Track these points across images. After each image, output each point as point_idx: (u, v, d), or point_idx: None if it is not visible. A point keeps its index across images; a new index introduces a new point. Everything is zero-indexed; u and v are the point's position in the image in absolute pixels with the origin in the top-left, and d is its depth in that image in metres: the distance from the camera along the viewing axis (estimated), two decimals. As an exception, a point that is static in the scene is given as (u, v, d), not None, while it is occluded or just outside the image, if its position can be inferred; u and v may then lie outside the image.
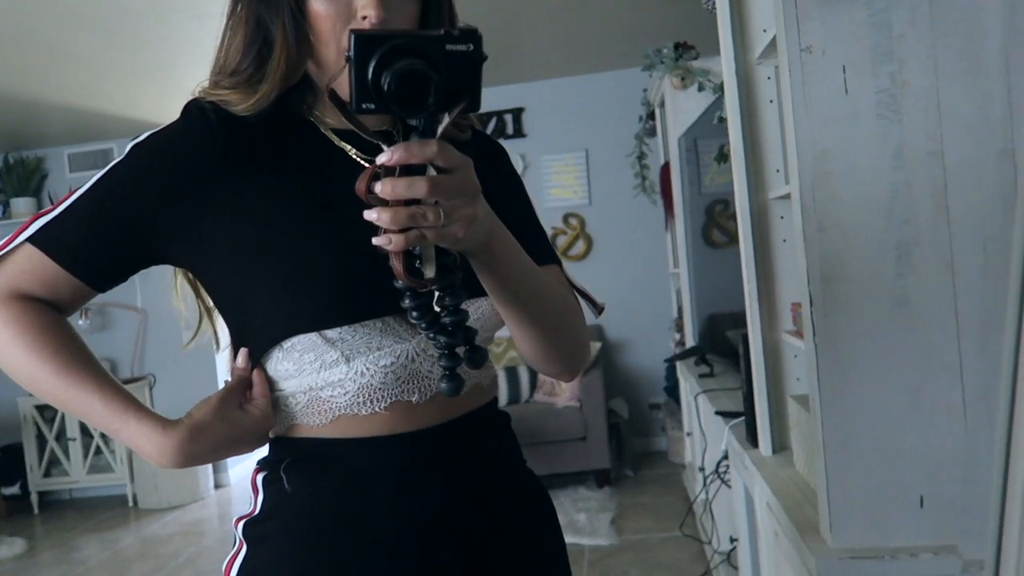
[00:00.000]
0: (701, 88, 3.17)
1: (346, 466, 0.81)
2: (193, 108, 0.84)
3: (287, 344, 0.79)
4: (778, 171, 1.66)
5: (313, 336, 0.78)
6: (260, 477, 0.87)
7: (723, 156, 2.21)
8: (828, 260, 1.14)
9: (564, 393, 4.23)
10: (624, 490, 4.18)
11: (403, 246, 0.61)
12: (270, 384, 0.84)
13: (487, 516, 0.85)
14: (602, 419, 4.15)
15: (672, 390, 4.44)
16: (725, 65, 1.68)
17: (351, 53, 0.60)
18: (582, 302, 0.93)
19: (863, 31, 1.10)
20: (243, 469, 5.39)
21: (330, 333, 0.78)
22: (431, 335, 0.69)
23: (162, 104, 4.52)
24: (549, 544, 0.93)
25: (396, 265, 0.63)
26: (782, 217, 1.66)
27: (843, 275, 1.14)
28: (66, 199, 0.82)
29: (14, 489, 5.03)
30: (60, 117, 4.54)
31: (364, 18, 0.77)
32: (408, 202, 0.61)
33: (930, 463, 1.13)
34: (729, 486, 2.37)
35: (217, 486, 5.18)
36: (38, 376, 0.80)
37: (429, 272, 0.65)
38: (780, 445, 1.68)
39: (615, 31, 4.08)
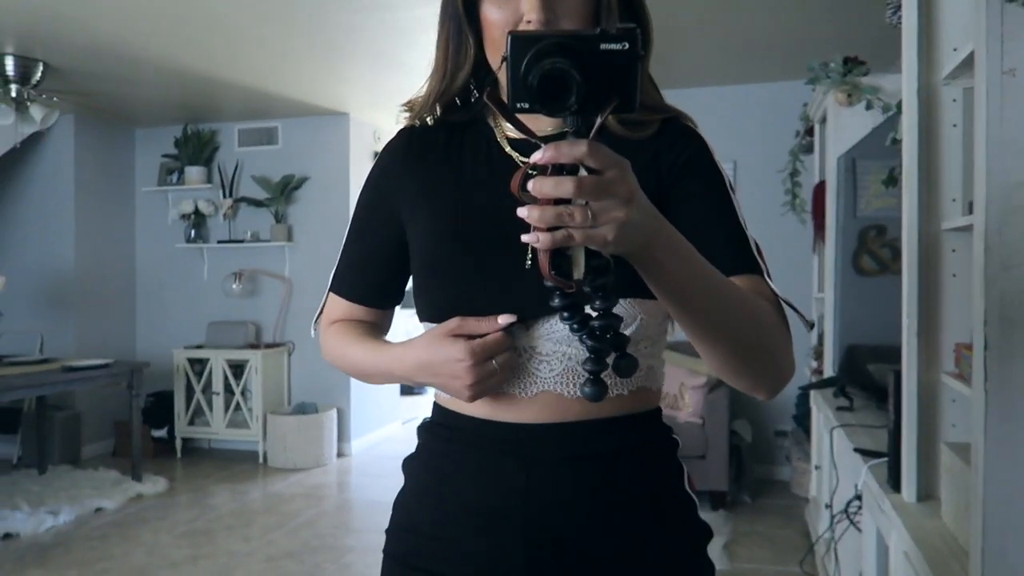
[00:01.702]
0: (869, 106, 2.99)
1: (458, 438, 0.90)
2: (390, 140, 1.00)
3: (428, 327, 0.91)
4: (954, 200, 1.55)
5: (433, 326, 0.88)
6: (418, 426, 0.99)
7: (892, 179, 2.08)
8: (1010, 301, 1.05)
9: (687, 408, 4.14)
10: (740, 516, 4.04)
11: (549, 245, 0.61)
12: None
13: (576, 529, 0.84)
14: (724, 440, 4.03)
15: (802, 419, 4.24)
16: (906, 84, 1.58)
17: (507, 53, 0.62)
18: (791, 314, 0.85)
19: (1079, 56, 1.01)
20: (363, 443, 5.62)
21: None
22: (580, 337, 0.69)
23: (325, 88, 4.77)
24: None
25: (542, 263, 0.64)
26: (954, 250, 1.54)
27: (1026, 319, 1.04)
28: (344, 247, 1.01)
29: (162, 433, 5.48)
30: (234, 95, 4.89)
31: (528, 22, 0.79)
32: (558, 202, 0.61)
33: (1108, 537, 1.02)
34: (859, 529, 2.24)
35: (340, 455, 5.43)
36: (356, 359, 0.96)
37: (576, 273, 0.65)
38: (926, 493, 1.57)
39: (776, 42, 3.94)
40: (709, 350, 0.77)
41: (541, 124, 0.88)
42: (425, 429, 0.96)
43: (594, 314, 0.68)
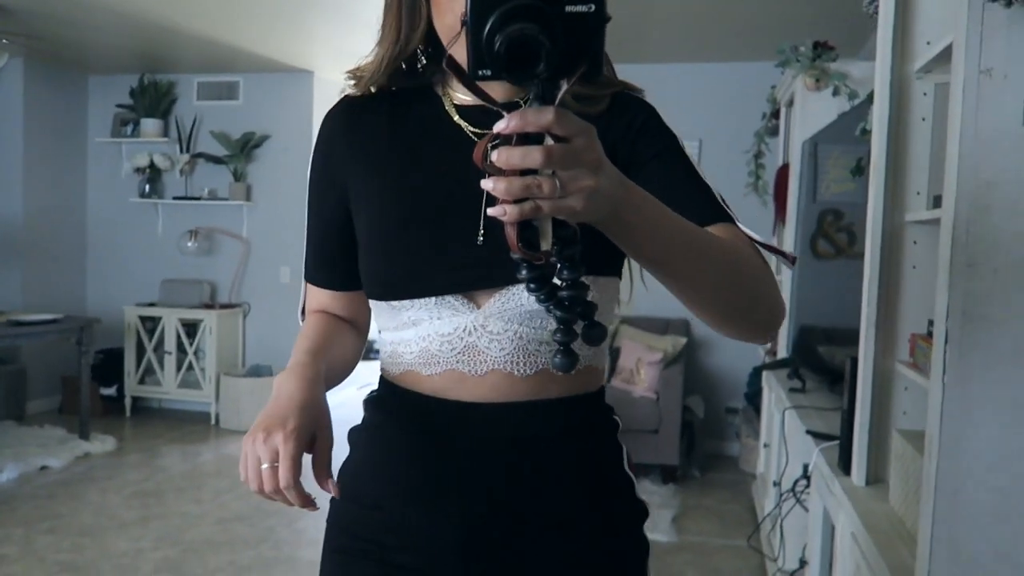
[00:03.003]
0: (836, 92, 3.03)
1: (406, 414, 0.89)
2: (327, 113, 0.96)
3: (374, 304, 0.90)
4: (919, 194, 1.58)
5: (383, 304, 0.87)
6: (364, 399, 0.97)
7: (859, 169, 2.11)
8: (972, 297, 1.07)
9: (642, 383, 4.20)
10: (689, 490, 4.13)
11: (517, 217, 0.58)
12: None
13: (522, 502, 0.85)
14: (677, 415, 4.10)
15: (753, 397, 4.34)
16: (879, 74, 1.60)
17: (467, 17, 0.57)
18: (772, 258, 0.85)
19: (1054, 59, 1.02)
20: (319, 406, 5.59)
21: (395, 303, 0.86)
22: (549, 308, 0.67)
23: (290, 44, 4.64)
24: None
25: (510, 235, 0.61)
26: (915, 242, 1.58)
27: (986, 315, 1.07)
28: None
29: (110, 391, 5.36)
30: (195, 46, 4.72)
31: None
32: (524, 172, 0.58)
33: (1050, 527, 1.07)
34: (805, 508, 2.30)
35: (293, 418, 5.39)
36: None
37: (545, 244, 0.63)
38: (875, 477, 1.62)
39: (749, 22, 3.94)
40: (697, 303, 0.76)
41: (499, 92, 0.83)
42: (372, 403, 0.95)
43: (561, 284, 0.65)
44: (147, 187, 5.47)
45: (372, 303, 0.91)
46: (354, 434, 0.97)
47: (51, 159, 5.39)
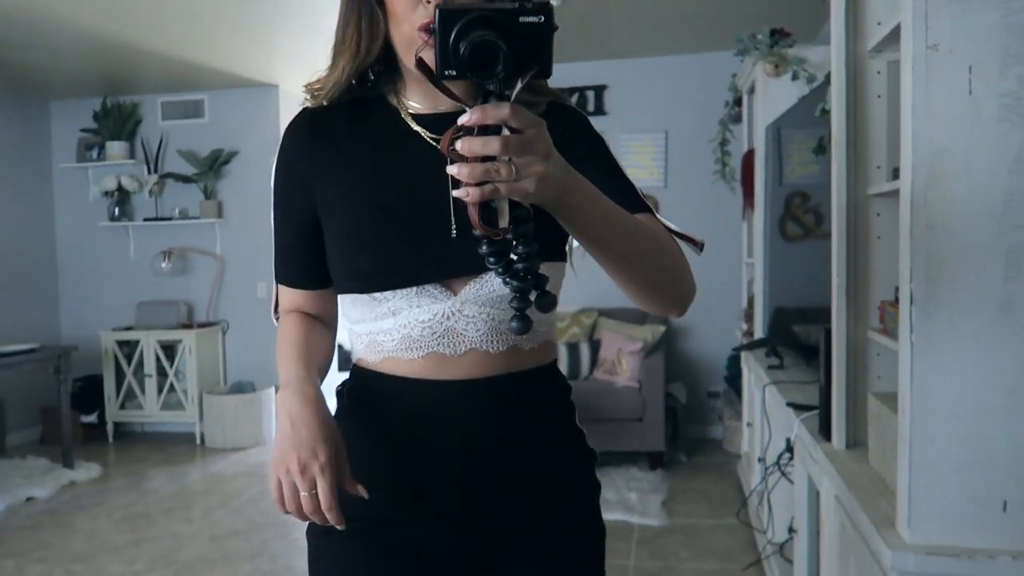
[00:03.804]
0: (795, 77, 3.12)
1: (389, 397, 0.96)
2: (290, 124, 1.00)
3: (348, 298, 0.96)
4: (879, 167, 1.65)
5: (364, 296, 0.93)
6: (336, 390, 1.03)
7: (821, 148, 2.18)
8: (933, 259, 1.14)
9: (624, 373, 4.26)
10: (676, 474, 4.20)
11: (478, 198, 0.69)
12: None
13: (504, 463, 0.95)
14: (660, 402, 4.17)
15: (733, 379, 4.43)
16: (834, 56, 1.67)
17: (435, 25, 0.68)
18: (683, 245, 0.96)
19: (994, 32, 1.09)
20: (304, 419, 5.57)
21: (377, 295, 0.92)
22: (506, 280, 0.77)
23: (253, 59, 4.65)
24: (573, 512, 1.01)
25: (472, 215, 0.72)
26: (879, 214, 1.65)
27: (948, 275, 1.14)
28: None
29: (91, 418, 5.31)
30: (156, 65, 4.71)
31: None
32: (485, 159, 0.68)
33: (1018, 468, 1.14)
34: (790, 480, 2.38)
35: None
36: (279, 363, 0.96)
37: (502, 222, 0.73)
38: (854, 441, 1.69)
39: (706, 13, 4.03)
40: (627, 279, 0.87)
41: (456, 91, 0.92)
42: (349, 392, 1.01)
43: (516, 258, 0.76)
44: (116, 210, 5.44)
45: (347, 297, 0.97)
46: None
47: (15, 187, 5.33)
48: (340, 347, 6.33)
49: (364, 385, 0.99)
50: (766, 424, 2.76)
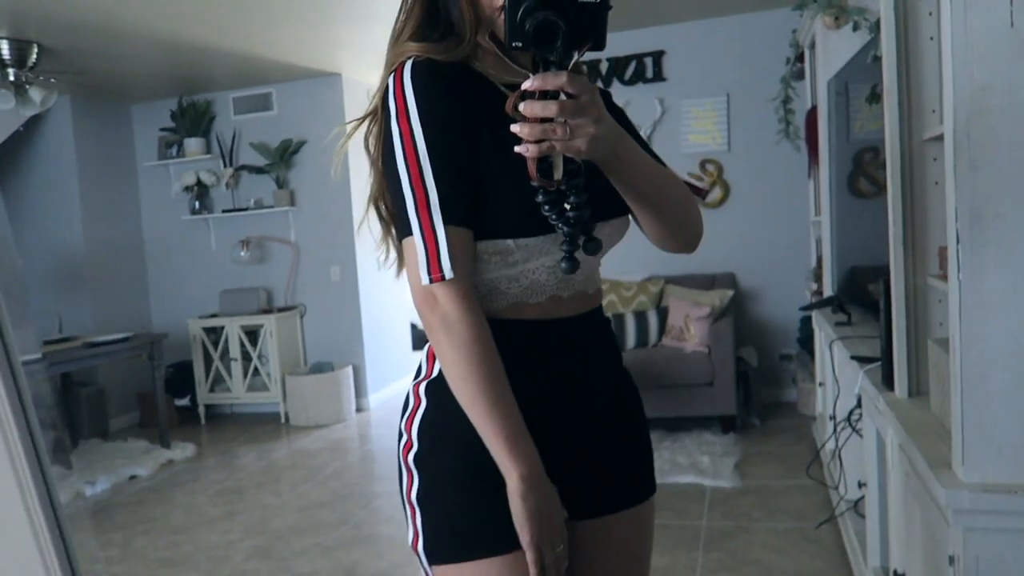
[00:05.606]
0: (856, 28, 3.03)
1: (513, 339, 1.00)
2: (427, 68, 0.96)
3: (482, 246, 0.96)
4: (933, 111, 1.62)
5: (508, 242, 0.96)
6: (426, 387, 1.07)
7: (875, 96, 2.14)
8: (979, 198, 1.13)
9: (693, 339, 4.25)
10: (750, 438, 4.18)
11: (536, 153, 0.81)
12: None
13: (604, 378, 1.10)
14: (730, 366, 4.15)
15: (806, 342, 4.36)
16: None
17: (505, 5, 0.79)
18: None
19: (1034, -39, 1.07)
20: (380, 396, 5.78)
21: (521, 241, 0.97)
22: (559, 225, 0.89)
23: (316, 49, 4.78)
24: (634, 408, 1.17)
25: (531, 168, 0.83)
26: (935, 159, 1.62)
27: (994, 213, 1.13)
28: (414, 177, 0.94)
29: (184, 401, 5.63)
30: (227, 63, 4.90)
31: None
32: (543, 120, 0.79)
33: (1075, 405, 1.12)
34: (860, 435, 2.36)
35: (359, 410, 5.58)
36: (471, 397, 0.94)
37: (557, 175, 0.85)
38: (916, 389, 1.68)
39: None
40: (658, 222, 1.02)
41: (522, 60, 1.03)
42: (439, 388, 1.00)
43: (568, 207, 0.88)
44: (197, 204, 5.71)
45: (487, 244, 0.95)
46: (439, 381, 1.00)
47: (105, 188, 5.65)
48: (413, 327, 6.50)
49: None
50: (835, 381, 2.73)
